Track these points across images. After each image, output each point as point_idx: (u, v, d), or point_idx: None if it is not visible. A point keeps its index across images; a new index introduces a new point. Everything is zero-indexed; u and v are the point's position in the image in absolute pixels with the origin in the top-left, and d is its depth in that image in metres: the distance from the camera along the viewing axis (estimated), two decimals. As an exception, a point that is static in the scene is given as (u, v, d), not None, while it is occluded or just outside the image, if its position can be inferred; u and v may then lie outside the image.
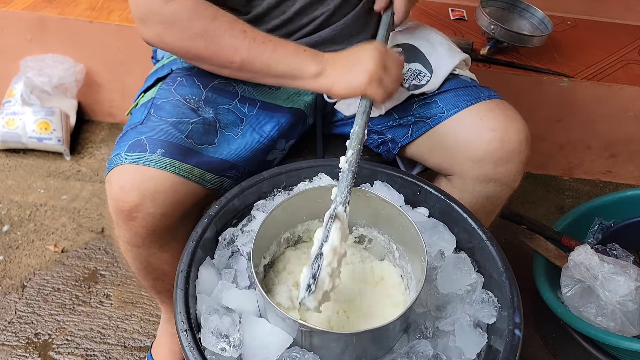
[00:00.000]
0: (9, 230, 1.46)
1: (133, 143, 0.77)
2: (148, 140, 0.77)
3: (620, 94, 1.59)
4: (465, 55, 0.97)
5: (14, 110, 1.63)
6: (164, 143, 0.77)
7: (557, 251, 1.24)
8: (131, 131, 0.80)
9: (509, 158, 0.84)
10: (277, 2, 0.87)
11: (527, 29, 1.63)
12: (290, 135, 0.94)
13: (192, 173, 0.78)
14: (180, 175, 0.76)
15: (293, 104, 0.94)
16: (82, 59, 1.69)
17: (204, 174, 0.80)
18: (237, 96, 0.89)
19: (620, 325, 1.07)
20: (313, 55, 0.79)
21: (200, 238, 0.70)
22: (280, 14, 0.89)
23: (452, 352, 0.64)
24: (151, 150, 0.76)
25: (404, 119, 0.92)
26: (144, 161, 0.75)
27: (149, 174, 0.74)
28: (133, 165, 0.75)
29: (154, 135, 0.78)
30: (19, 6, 1.64)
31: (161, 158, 0.75)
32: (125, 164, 0.75)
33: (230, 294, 0.66)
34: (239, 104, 0.89)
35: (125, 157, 0.76)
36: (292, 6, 0.88)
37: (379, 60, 0.77)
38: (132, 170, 0.75)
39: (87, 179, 1.62)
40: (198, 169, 0.78)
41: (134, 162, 0.75)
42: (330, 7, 0.90)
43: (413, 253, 0.71)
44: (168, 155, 0.76)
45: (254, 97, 0.91)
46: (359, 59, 0.78)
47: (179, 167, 0.76)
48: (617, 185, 1.78)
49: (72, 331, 1.24)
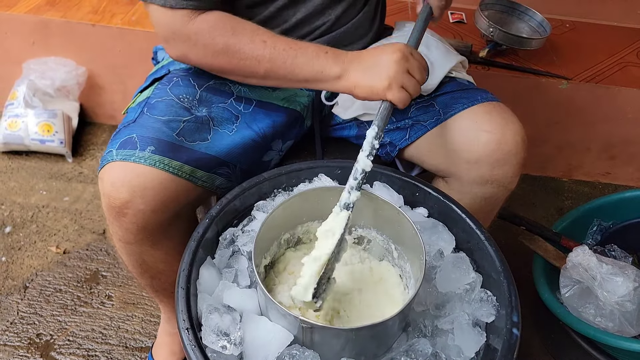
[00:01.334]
0: (11, 231, 1.47)
1: (124, 141, 0.78)
2: (139, 137, 0.78)
3: (619, 96, 1.59)
4: (462, 57, 0.98)
5: (17, 112, 1.64)
6: (154, 140, 0.78)
7: (556, 252, 1.24)
8: (124, 129, 0.82)
9: (506, 160, 0.84)
10: (277, 11, 0.89)
11: (525, 31, 1.64)
12: (286, 135, 0.95)
13: (182, 170, 0.79)
14: (170, 172, 0.77)
15: (289, 105, 0.95)
16: (84, 62, 1.71)
17: (194, 171, 0.80)
18: (233, 95, 0.90)
19: (619, 326, 1.07)
20: (335, 56, 0.79)
21: (202, 238, 0.70)
22: (282, 22, 0.90)
23: (451, 351, 0.65)
24: (141, 147, 0.77)
25: (402, 122, 0.93)
26: (134, 158, 0.76)
27: (139, 171, 0.75)
28: (123, 163, 0.76)
29: (145, 133, 0.79)
30: (22, 9, 1.65)
31: (151, 155, 0.76)
32: (116, 161, 0.77)
33: (231, 293, 0.67)
34: (235, 102, 0.90)
35: (117, 154, 0.77)
36: (293, 16, 0.90)
37: (400, 65, 0.75)
38: (122, 167, 0.76)
39: (89, 181, 1.63)
40: (188, 165, 0.79)
41: (124, 159, 0.76)
42: (332, 17, 0.92)
43: (412, 253, 0.71)
44: (158, 152, 0.77)
45: (249, 96, 0.92)
46: (381, 62, 0.77)
47: (168, 164, 0.77)
48: (617, 186, 1.79)
49: (73, 332, 1.25)
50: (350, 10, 0.94)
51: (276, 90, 0.96)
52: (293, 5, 0.89)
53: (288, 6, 0.89)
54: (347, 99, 0.96)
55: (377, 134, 0.71)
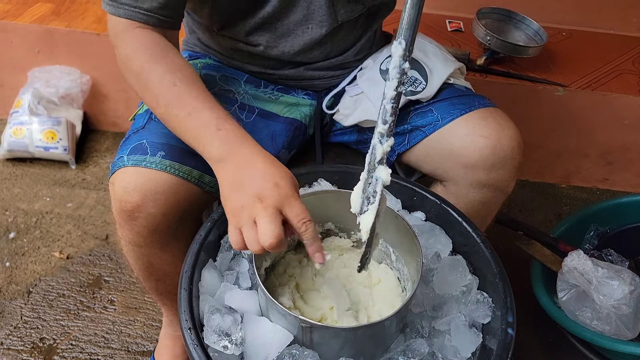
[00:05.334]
0: (15, 237, 1.48)
1: (135, 146, 0.80)
2: (149, 143, 0.80)
3: (615, 102, 1.61)
4: (460, 63, 0.99)
5: (22, 120, 1.66)
6: (164, 146, 0.80)
7: (553, 256, 1.26)
8: (133, 135, 0.84)
9: (502, 164, 0.86)
10: (276, 40, 0.91)
11: (522, 40, 1.67)
12: (290, 146, 0.97)
13: (191, 175, 0.80)
14: (180, 177, 0.79)
15: (290, 114, 0.97)
16: (88, 70, 1.73)
17: (202, 176, 0.82)
18: (237, 102, 0.92)
19: (615, 329, 1.08)
20: (225, 140, 0.67)
21: (204, 241, 0.72)
22: (279, 54, 0.93)
23: (448, 351, 0.66)
24: (152, 152, 0.79)
25: (401, 127, 0.95)
26: (145, 163, 0.78)
27: (150, 176, 0.77)
28: (135, 168, 0.78)
29: (155, 138, 0.81)
30: (27, 19, 1.68)
31: (162, 160, 0.78)
32: (127, 166, 0.78)
33: (232, 295, 0.69)
34: (238, 110, 0.91)
35: (128, 160, 0.79)
36: (289, 45, 0.92)
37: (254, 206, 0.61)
38: (134, 172, 0.78)
39: (92, 187, 1.65)
40: (197, 170, 0.81)
41: (135, 164, 0.78)
42: (326, 50, 0.94)
43: (409, 256, 0.73)
44: (168, 157, 0.78)
45: (252, 104, 0.94)
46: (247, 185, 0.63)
47: (178, 168, 0.79)
48: (614, 192, 1.80)
49: (76, 336, 1.26)
50: (349, 38, 0.96)
51: (279, 98, 0.98)
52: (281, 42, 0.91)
53: (278, 40, 0.91)
54: (348, 107, 0.98)
55: (404, 51, 0.55)
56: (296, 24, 0.89)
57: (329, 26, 0.90)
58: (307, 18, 0.89)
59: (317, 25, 0.89)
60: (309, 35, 0.90)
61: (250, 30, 0.89)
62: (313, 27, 0.90)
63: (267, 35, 0.90)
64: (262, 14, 0.87)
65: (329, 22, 0.89)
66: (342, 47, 0.96)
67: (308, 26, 0.89)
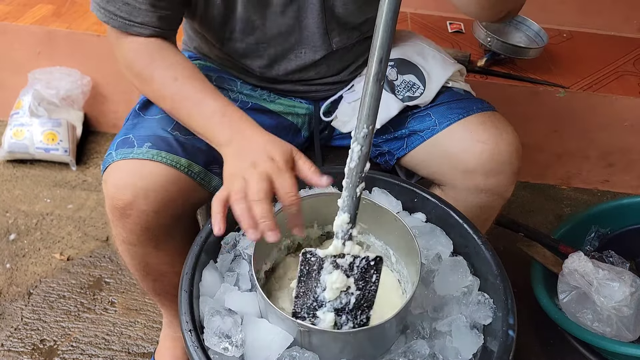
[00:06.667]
0: (15, 238, 1.48)
1: (121, 141, 0.81)
2: (136, 137, 0.81)
3: (616, 104, 1.61)
4: (460, 65, 0.99)
5: (22, 121, 1.66)
6: (150, 137, 0.80)
7: (554, 258, 1.26)
8: (121, 132, 0.85)
9: (500, 170, 0.85)
10: (270, 64, 0.91)
11: (523, 41, 1.67)
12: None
13: (179, 163, 0.80)
14: (168, 164, 0.78)
15: (285, 115, 0.98)
16: (88, 72, 1.73)
17: (191, 165, 0.81)
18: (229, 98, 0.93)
19: (616, 331, 1.08)
20: (230, 123, 0.73)
21: (205, 242, 0.72)
22: (274, 75, 0.93)
23: (449, 353, 0.66)
24: (139, 145, 0.79)
25: (399, 132, 0.94)
26: (132, 154, 0.78)
27: (141, 170, 0.77)
28: (123, 161, 0.78)
29: (141, 132, 0.82)
30: (28, 20, 1.68)
31: (148, 150, 0.78)
32: (116, 161, 0.79)
33: (233, 297, 0.68)
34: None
35: (116, 154, 0.79)
36: (283, 68, 0.92)
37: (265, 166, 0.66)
38: (123, 166, 0.78)
39: (93, 189, 1.65)
40: (185, 159, 0.81)
41: (124, 157, 0.78)
42: (321, 71, 0.95)
43: (409, 257, 0.73)
44: (155, 147, 0.79)
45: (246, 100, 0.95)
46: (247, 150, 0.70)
47: (165, 156, 0.79)
48: (615, 194, 1.80)
49: (77, 337, 1.26)
50: (345, 59, 0.96)
51: (274, 100, 0.98)
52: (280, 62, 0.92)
53: (275, 61, 0.92)
54: (346, 113, 0.98)
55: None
56: (289, 50, 0.90)
57: (323, 52, 0.91)
58: (300, 44, 0.89)
59: (311, 51, 0.90)
60: (302, 60, 0.91)
61: (243, 54, 0.91)
62: (306, 52, 0.90)
63: (259, 61, 0.91)
64: (251, 40, 0.88)
65: (324, 48, 0.90)
66: (338, 67, 0.96)
67: (301, 51, 0.90)
